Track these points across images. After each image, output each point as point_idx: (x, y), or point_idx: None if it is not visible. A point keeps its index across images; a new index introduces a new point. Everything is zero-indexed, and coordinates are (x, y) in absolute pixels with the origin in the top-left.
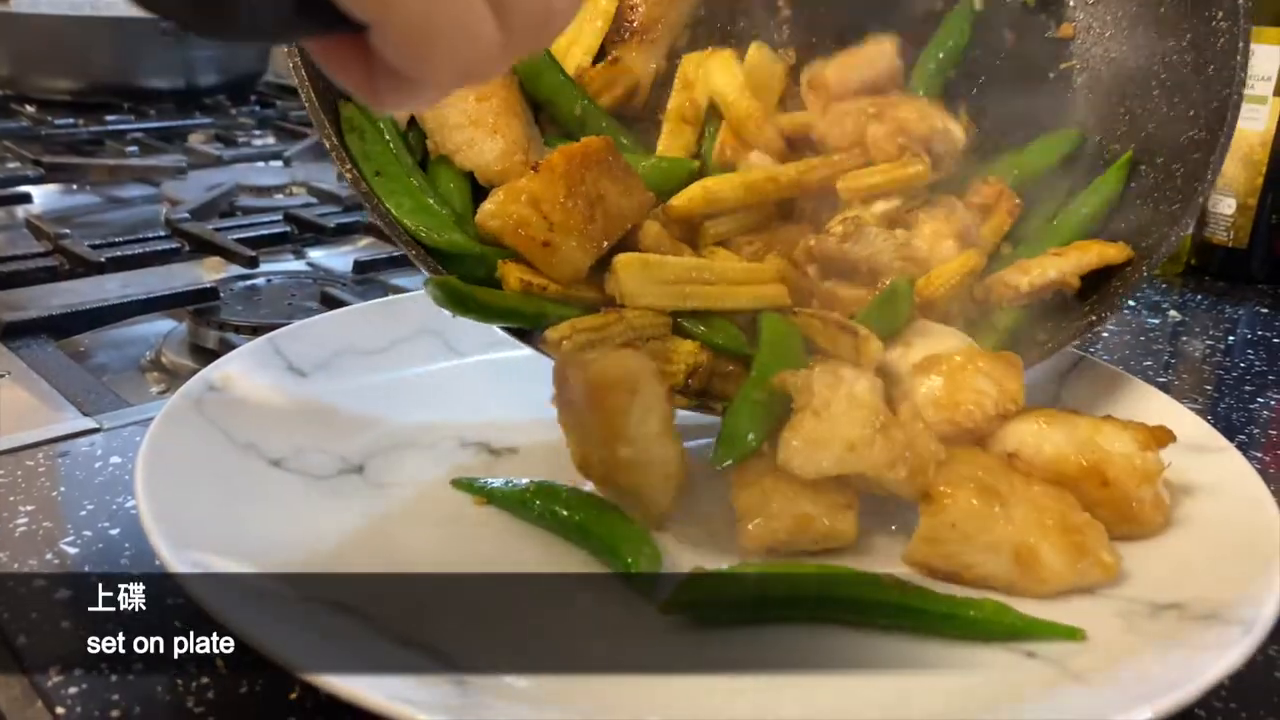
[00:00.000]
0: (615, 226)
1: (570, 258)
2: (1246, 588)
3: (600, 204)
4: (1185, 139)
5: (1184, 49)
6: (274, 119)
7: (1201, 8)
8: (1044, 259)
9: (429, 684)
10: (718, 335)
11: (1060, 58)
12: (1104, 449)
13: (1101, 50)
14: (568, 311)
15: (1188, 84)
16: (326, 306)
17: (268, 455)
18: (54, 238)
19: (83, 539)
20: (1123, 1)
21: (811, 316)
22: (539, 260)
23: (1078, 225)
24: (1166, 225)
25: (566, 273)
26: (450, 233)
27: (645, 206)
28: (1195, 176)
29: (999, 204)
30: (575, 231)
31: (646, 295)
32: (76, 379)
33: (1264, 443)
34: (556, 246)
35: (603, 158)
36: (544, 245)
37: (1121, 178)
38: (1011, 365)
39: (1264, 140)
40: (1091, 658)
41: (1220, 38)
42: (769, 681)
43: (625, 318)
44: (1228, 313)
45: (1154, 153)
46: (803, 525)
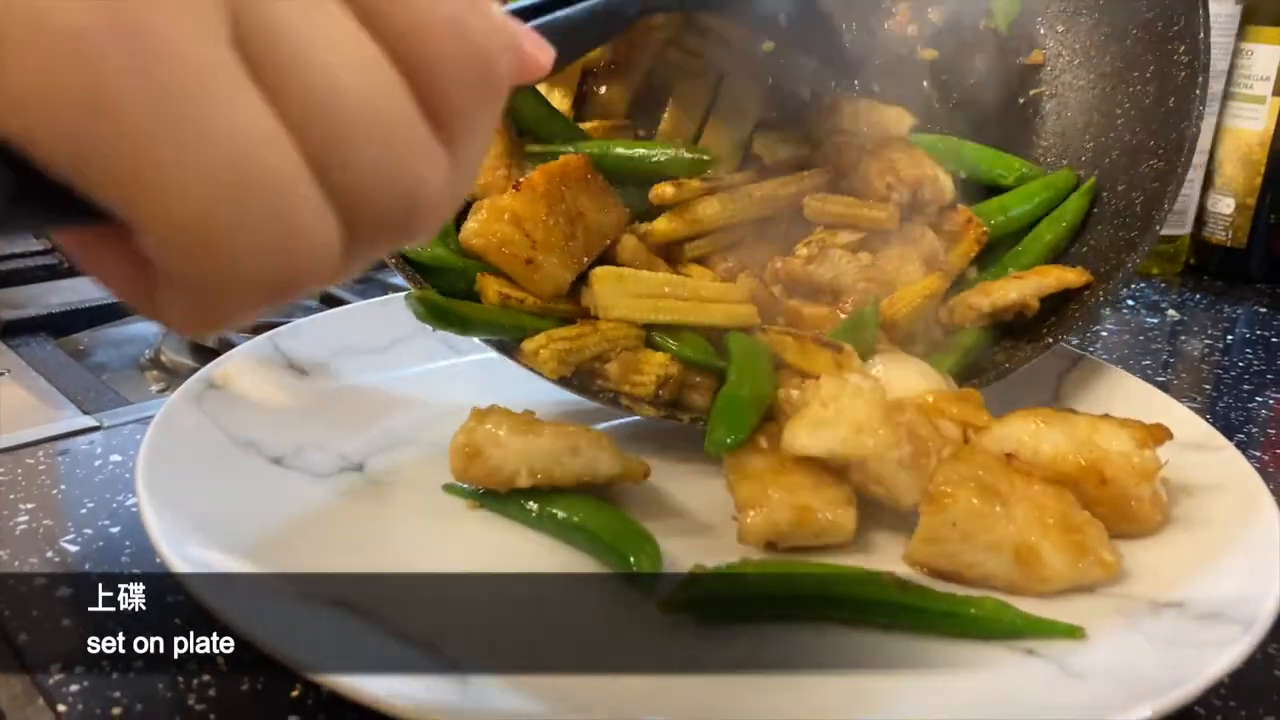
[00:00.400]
0: (595, 243)
1: (552, 274)
2: (1246, 586)
3: (580, 221)
4: (1146, 168)
5: (1147, 80)
6: None
7: (1165, 42)
8: (1005, 282)
9: (430, 681)
10: (687, 348)
11: (1030, 84)
12: (1102, 448)
13: (1070, 78)
14: (544, 324)
15: (1150, 115)
16: (326, 305)
17: (268, 453)
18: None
19: (83, 537)
20: (1091, 32)
21: (783, 334)
22: (522, 277)
23: (1041, 251)
24: (1124, 251)
25: (549, 289)
26: (432, 247)
27: (623, 222)
28: (1154, 205)
29: (967, 231)
30: (557, 249)
31: (620, 308)
32: (76, 377)
33: (1262, 441)
34: (539, 264)
35: (581, 175)
36: (527, 263)
37: (1084, 205)
38: (972, 401)
39: (1263, 140)
40: (1092, 656)
41: (1181, 71)
42: (769, 681)
43: (600, 329)
44: (1226, 312)
45: (1115, 180)
46: (802, 518)
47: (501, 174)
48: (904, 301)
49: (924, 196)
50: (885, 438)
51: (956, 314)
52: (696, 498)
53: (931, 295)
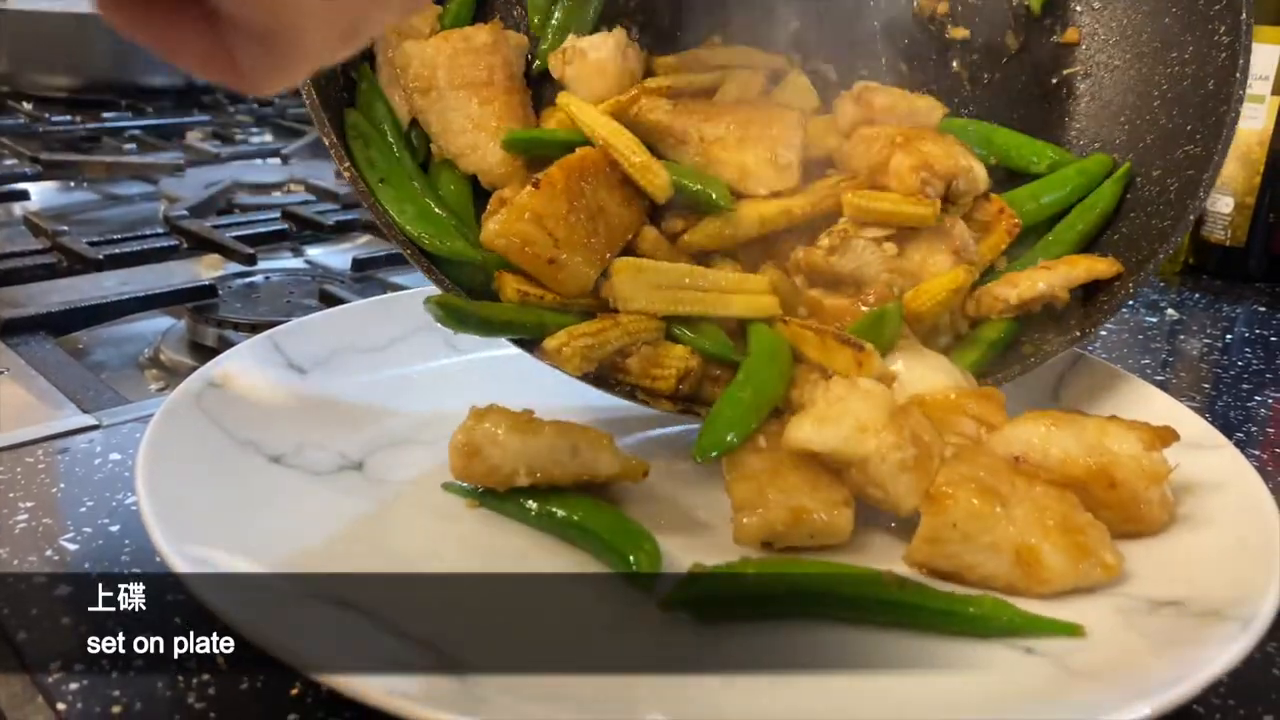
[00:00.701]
0: (617, 237)
1: (576, 273)
2: (1245, 585)
3: (601, 216)
4: (1181, 154)
5: (1186, 60)
6: (272, 117)
7: (1205, 21)
8: (1033, 272)
9: (429, 680)
10: (706, 340)
11: (1064, 64)
12: (1112, 451)
13: (1105, 58)
14: (565, 319)
15: (1187, 97)
16: (325, 304)
17: (267, 452)
18: (52, 235)
19: (83, 536)
20: (1129, 9)
21: (804, 328)
22: (546, 277)
23: (1072, 240)
24: (1156, 241)
25: (573, 287)
26: (451, 240)
27: (644, 215)
28: (1188, 194)
29: (998, 222)
30: (580, 246)
31: (639, 299)
32: (75, 376)
33: (1261, 440)
34: (563, 263)
35: (600, 169)
36: (550, 263)
37: (1117, 192)
38: (993, 401)
39: (1262, 139)
40: (1090, 655)
41: (1221, 52)
42: (768, 680)
43: (620, 323)
44: (1225, 311)
45: (1150, 165)
46: (799, 518)
47: (522, 164)
48: (929, 295)
49: (959, 188)
50: (887, 440)
51: (983, 305)
52: (696, 498)
53: (958, 289)
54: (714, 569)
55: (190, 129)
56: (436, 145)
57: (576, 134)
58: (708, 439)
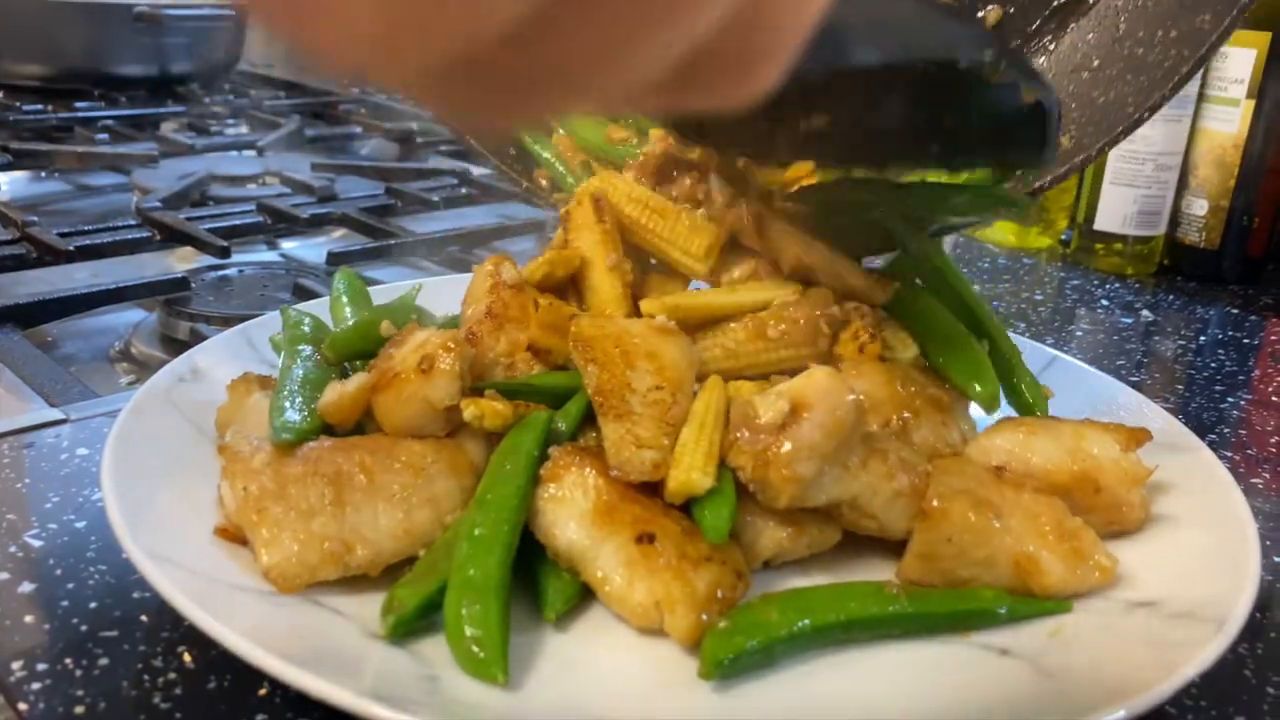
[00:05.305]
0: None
1: None
2: (1219, 586)
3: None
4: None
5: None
6: (247, 108)
7: None
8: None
9: (398, 681)
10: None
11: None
12: (1093, 455)
13: None
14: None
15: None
16: (299, 297)
17: None
18: (21, 225)
19: (48, 532)
20: None
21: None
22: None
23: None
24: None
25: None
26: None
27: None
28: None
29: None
30: None
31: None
32: (44, 369)
33: (1234, 442)
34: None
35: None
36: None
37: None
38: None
39: (1236, 143)
40: (1065, 656)
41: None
42: (761, 681)
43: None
44: (1199, 313)
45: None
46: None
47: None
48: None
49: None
50: (877, 468)
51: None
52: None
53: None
54: (733, 625)
55: (164, 120)
56: None
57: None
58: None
